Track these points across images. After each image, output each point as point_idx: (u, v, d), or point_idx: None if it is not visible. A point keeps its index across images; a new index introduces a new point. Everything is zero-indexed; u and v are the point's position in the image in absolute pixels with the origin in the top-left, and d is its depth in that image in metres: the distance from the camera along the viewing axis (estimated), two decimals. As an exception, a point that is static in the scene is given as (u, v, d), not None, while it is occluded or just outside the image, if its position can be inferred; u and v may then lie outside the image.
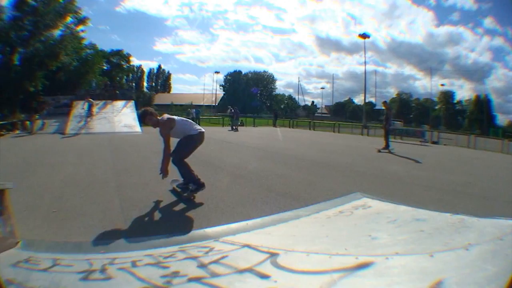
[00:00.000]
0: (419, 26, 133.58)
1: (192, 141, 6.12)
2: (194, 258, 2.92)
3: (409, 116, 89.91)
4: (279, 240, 3.48)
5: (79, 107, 25.63)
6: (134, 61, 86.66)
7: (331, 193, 6.40)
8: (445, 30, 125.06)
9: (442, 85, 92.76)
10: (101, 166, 9.61)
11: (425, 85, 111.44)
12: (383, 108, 18.17)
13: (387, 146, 15.23)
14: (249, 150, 14.89)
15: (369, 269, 2.40)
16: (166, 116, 6.20)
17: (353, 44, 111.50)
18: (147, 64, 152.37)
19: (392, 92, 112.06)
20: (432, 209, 4.37)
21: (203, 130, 6.33)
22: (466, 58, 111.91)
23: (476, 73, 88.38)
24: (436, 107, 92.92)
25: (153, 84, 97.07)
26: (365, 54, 60.09)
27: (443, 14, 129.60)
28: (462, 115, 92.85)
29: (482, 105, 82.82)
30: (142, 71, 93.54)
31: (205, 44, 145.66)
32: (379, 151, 14.93)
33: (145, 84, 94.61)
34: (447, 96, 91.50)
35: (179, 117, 6.38)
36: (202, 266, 2.68)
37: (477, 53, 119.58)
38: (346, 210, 4.66)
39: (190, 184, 6.00)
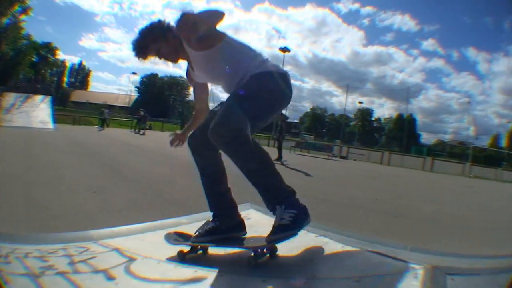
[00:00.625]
0: (345, 45, 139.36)
1: (270, 89, 2.48)
2: (69, 256, 3.10)
3: (322, 131, 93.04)
4: (147, 246, 3.45)
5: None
6: (60, 55, 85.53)
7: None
8: (373, 50, 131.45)
9: (360, 102, 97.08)
10: (12, 162, 9.43)
11: (342, 101, 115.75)
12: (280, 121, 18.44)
13: (279, 158, 15.65)
14: (149, 154, 15.31)
15: (202, 282, 2.43)
16: None
17: (274, 57, 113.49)
18: (71, 59, 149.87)
19: (307, 106, 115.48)
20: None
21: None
22: (393, 78, 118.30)
23: (402, 93, 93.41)
24: (352, 123, 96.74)
25: (73, 80, 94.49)
26: (283, 67, 61.17)
27: (374, 34, 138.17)
28: (380, 132, 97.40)
29: (403, 123, 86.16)
30: (65, 66, 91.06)
31: (128, 44, 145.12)
32: (270, 162, 15.27)
33: (65, 79, 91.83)
34: (365, 113, 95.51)
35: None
36: (72, 263, 2.91)
37: (407, 73, 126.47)
38: (225, 221, 4.71)
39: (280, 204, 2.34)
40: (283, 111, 19.29)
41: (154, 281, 2.56)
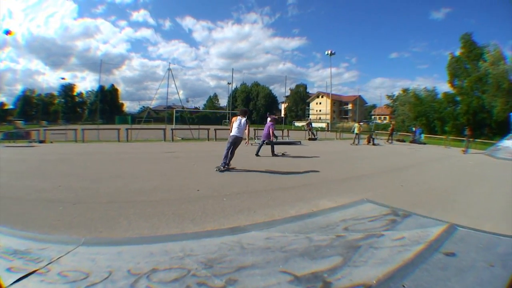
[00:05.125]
0: (57, 19, 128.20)
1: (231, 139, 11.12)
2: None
3: (32, 114, 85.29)
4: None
5: None
6: None
7: None
8: (82, 23, 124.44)
9: (63, 78, 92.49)
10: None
11: (47, 79, 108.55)
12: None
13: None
14: None
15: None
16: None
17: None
18: None
19: (19, 89, 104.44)
20: None
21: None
22: (97, 50, 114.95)
23: (104, 65, 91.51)
24: (57, 102, 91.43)
25: None
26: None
27: (87, 7, 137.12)
28: (83, 106, 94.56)
29: (105, 95, 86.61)
30: None
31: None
32: None
33: None
34: (67, 89, 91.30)
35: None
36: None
37: (111, 44, 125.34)
38: None
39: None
40: None
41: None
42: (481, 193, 9.42)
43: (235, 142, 10.94)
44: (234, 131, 10.91)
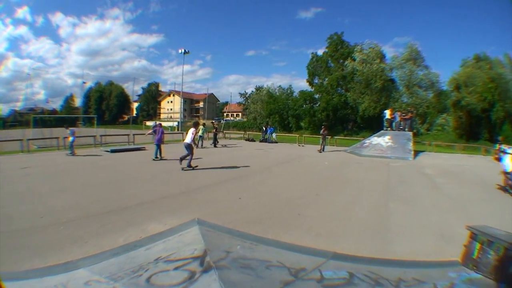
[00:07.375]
0: None
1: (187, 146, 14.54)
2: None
3: None
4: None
5: None
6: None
7: None
8: None
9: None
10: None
11: None
12: None
13: None
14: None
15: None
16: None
17: None
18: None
19: None
20: None
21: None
22: None
23: None
24: None
25: None
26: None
27: None
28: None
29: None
30: None
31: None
32: None
33: None
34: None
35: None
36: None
37: None
38: None
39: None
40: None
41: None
42: (335, 201, 9.04)
43: (188, 147, 14.41)
44: (186, 139, 14.58)
